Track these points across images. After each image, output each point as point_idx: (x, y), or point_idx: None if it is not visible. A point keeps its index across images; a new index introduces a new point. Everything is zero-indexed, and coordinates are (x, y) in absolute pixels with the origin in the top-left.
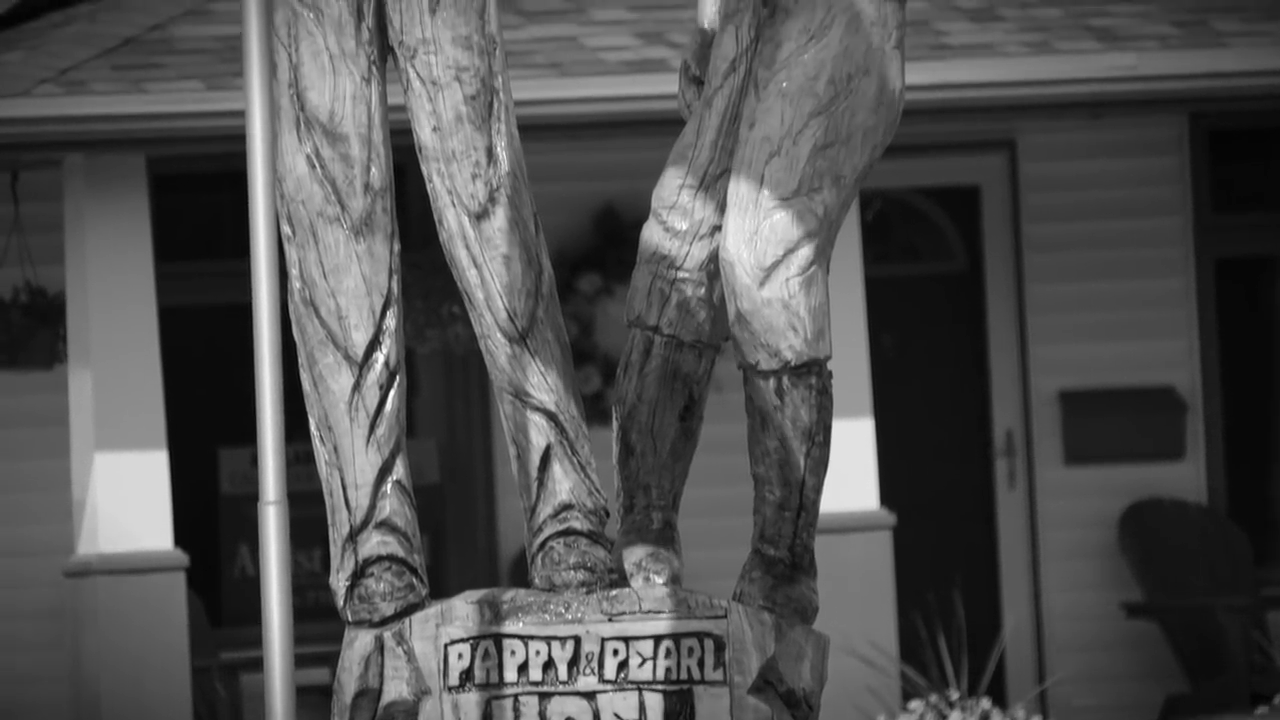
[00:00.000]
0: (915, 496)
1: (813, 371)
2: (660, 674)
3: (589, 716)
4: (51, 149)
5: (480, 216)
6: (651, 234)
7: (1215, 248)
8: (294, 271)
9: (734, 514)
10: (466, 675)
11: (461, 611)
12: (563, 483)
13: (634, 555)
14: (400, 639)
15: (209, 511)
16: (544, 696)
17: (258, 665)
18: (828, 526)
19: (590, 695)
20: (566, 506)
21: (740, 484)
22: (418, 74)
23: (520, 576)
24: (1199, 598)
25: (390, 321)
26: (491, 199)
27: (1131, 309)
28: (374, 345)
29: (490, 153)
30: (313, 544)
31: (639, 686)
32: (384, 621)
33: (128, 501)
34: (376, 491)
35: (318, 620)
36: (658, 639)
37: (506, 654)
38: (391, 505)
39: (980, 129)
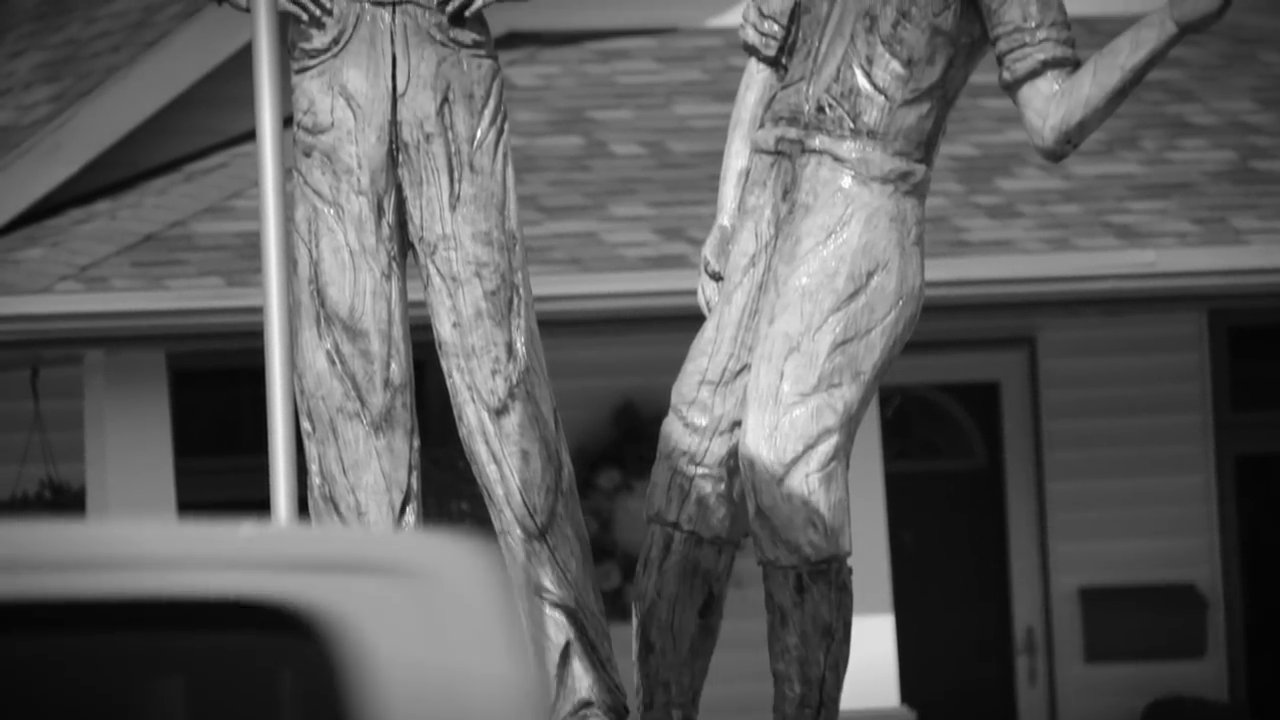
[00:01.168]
0: (936, 694)
1: (832, 568)
2: None
3: None
4: (72, 345)
5: (500, 412)
6: (671, 429)
7: (1235, 445)
8: (314, 467)
9: (755, 711)
10: None
11: None
12: (582, 679)
13: None
14: None
15: None
16: None
17: None
18: None
19: None
20: (586, 704)
21: (761, 681)
22: (438, 270)
23: None
24: None
25: (410, 517)
26: (511, 395)
27: (1152, 506)
28: None
29: (510, 348)
30: None
31: None
32: None
33: None
34: None
35: None
36: None
37: None
38: None
39: (1000, 325)
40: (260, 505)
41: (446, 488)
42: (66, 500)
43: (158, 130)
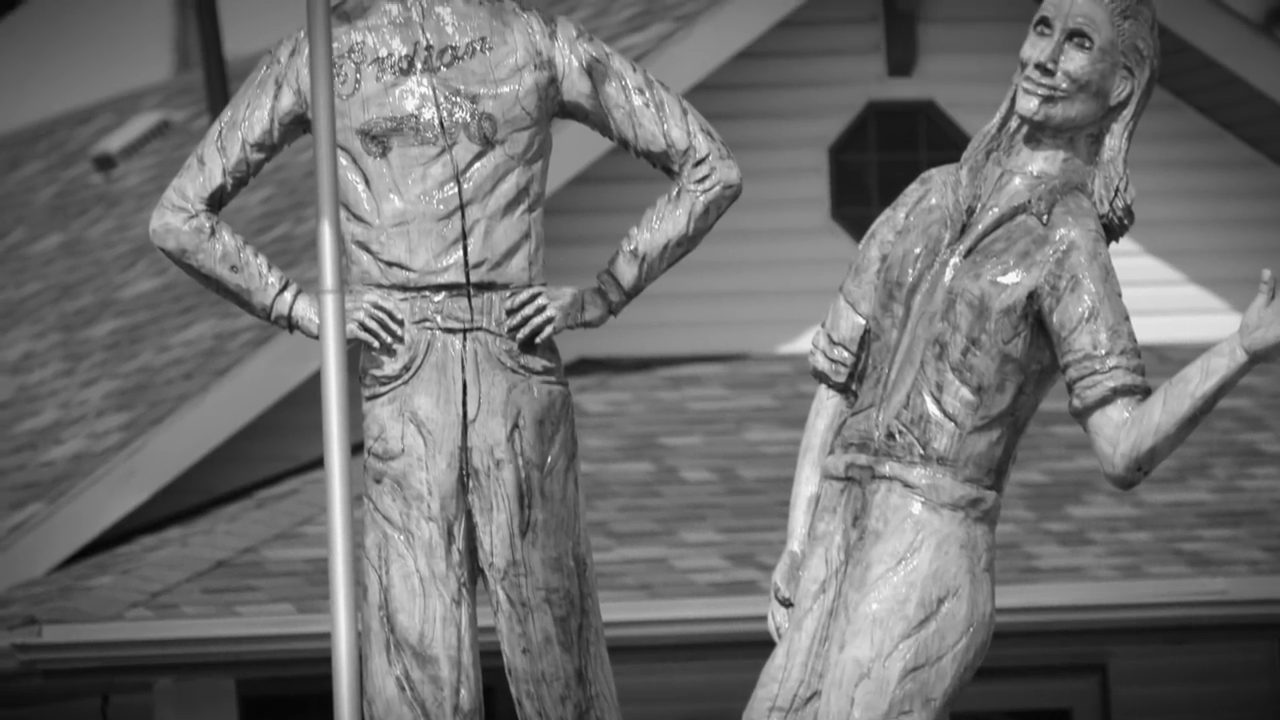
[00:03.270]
0: None
1: None
2: None
3: None
4: (142, 673)
5: None
6: None
7: None
8: None
9: None
10: None
11: None
12: None
13: None
14: None
15: None
16: None
17: None
18: None
19: None
20: None
21: None
22: (508, 596)
23: None
24: None
25: None
26: None
27: None
28: None
29: (580, 675)
30: None
31: None
32: None
33: None
34: None
35: None
36: None
37: None
38: None
39: (1071, 652)
40: None
41: None
42: None
43: (229, 457)
